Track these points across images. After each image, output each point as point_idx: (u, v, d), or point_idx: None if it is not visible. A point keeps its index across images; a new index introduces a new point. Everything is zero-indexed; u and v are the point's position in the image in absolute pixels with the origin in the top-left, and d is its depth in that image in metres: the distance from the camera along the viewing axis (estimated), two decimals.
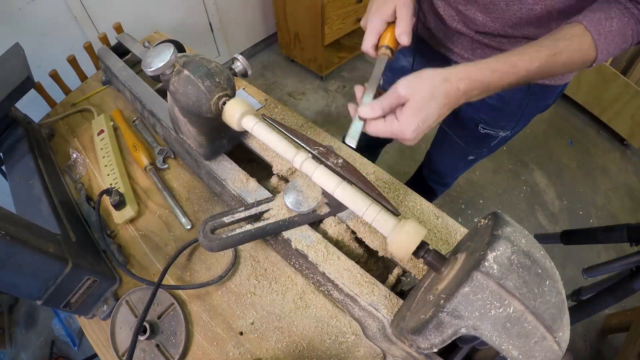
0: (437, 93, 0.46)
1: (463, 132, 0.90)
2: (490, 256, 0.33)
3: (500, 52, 0.49)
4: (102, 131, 0.83)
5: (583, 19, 0.48)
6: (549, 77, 0.51)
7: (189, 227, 0.70)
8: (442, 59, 0.78)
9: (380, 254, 0.58)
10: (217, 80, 0.53)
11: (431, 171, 1.16)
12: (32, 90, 0.78)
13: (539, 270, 0.34)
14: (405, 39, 0.58)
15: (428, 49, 0.80)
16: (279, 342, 0.58)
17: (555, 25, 0.53)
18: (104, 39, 1.05)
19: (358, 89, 0.54)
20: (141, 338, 0.56)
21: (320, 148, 0.53)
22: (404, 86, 0.47)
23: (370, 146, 1.30)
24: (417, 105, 0.47)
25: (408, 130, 0.47)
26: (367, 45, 0.60)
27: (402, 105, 0.48)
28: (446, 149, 1.04)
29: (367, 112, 0.50)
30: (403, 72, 0.96)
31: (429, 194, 1.26)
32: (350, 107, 0.53)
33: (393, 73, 0.96)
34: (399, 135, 0.49)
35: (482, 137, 0.87)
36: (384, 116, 0.50)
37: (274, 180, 0.68)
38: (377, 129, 0.50)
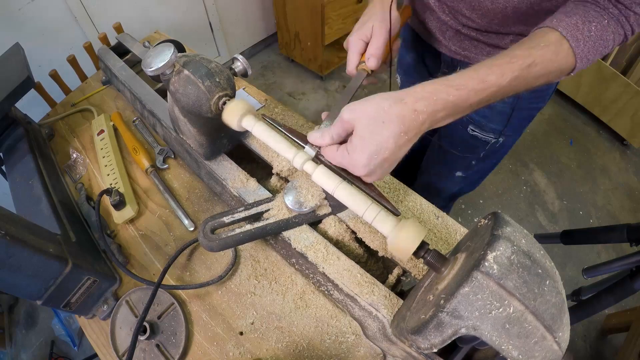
0: (387, 117, 0.40)
1: (451, 136, 0.88)
2: (490, 256, 0.33)
3: (489, 47, 0.46)
4: (102, 131, 0.83)
5: (558, 24, 0.44)
6: (525, 90, 0.45)
7: (191, 228, 0.70)
8: (435, 54, 0.78)
9: (380, 254, 0.58)
10: (217, 80, 0.53)
11: (421, 189, 1.14)
12: (32, 90, 0.78)
13: (539, 270, 0.34)
14: (372, 62, 0.57)
15: (421, 43, 0.81)
16: (279, 342, 0.58)
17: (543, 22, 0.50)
18: (104, 39, 1.05)
19: (324, 115, 0.51)
20: (141, 338, 0.56)
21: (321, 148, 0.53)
22: (348, 111, 0.42)
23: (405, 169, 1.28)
24: (363, 133, 0.41)
25: (359, 164, 0.42)
26: (351, 67, 0.59)
27: (351, 134, 0.43)
28: (435, 167, 1.00)
29: (316, 138, 0.46)
30: (409, 67, 0.95)
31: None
32: (310, 133, 0.48)
33: (404, 70, 0.95)
34: (352, 170, 0.44)
35: (470, 141, 0.84)
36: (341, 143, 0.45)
37: (274, 180, 0.68)
38: (331, 158, 0.46)
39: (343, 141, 0.46)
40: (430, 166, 1.05)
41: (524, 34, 0.49)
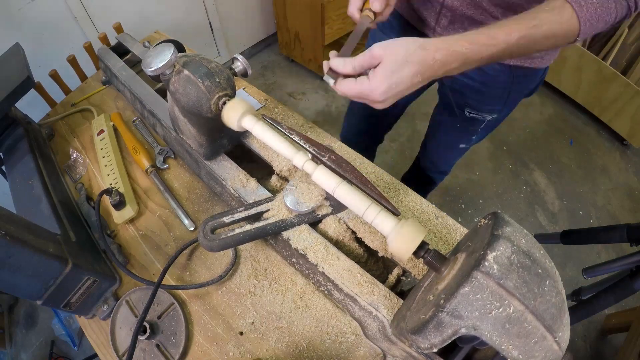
0: (412, 59, 0.46)
1: (451, 119, 0.92)
2: (490, 256, 0.33)
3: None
4: (102, 131, 0.83)
5: None
6: (532, 52, 0.50)
7: (192, 228, 0.70)
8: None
9: (380, 254, 0.58)
10: (217, 80, 0.53)
11: (427, 161, 1.18)
12: (32, 90, 0.78)
13: (539, 270, 0.34)
14: (377, 5, 0.58)
15: (410, 29, 0.81)
16: (279, 342, 0.58)
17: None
18: (104, 39, 1.05)
19: (332, 54, 0.54)
20: (141, 338, 0.56)
21: (320, 148, 0.53)
22: (380, 47, 0.47)
23: (368, 147, 1.32)
24: (390, 67, 0.46)
25: (377, 91, 0.47)
26: (353, 8, 0.60)
27: (375, 67, 0.47)
28: (438, 140, 1.06)
29: (339, 65, 0.50)
30: None
31: (429, 183, 1.29)
32: (325, 63, 0.52)
33: None
34: (368, 96, 0.48)
35: (468, 122, 0.88)
36: (355, 77, 0.49)
37: (274, 180, 0.68)
38: (347, 88, 0.49)
39: (358, 75, 0.50)
40: (433, 143, 1.10)
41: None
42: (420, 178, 1.26)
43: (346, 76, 0.50)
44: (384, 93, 0.47)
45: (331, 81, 0.51)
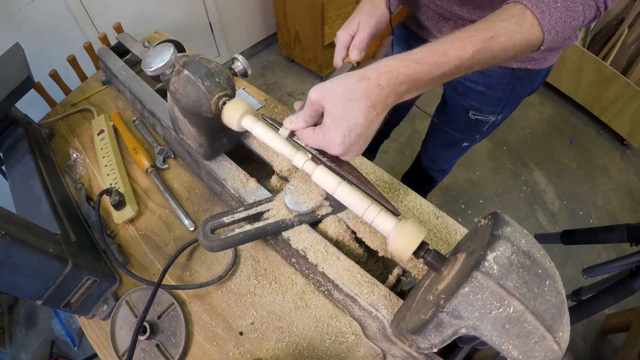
0: (354, 95, 0.41)
1: (455, 121, 0.92)
2: (490, 256, 0.33)
3: None
4: (102, 131, 0.83)
5: None
6: (491, 65, 0.45)
7: (192, 228, 0.70)
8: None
9: (380, 254, 0.58)
10: (217, 80, 0.53)
11: (429, 160, 1.18)
12: (32, 90, 0.78)
13: (539, 270, 0.34)
14: (355, 55, 0.59)
15: (414, 37, 0.81)
16: (279, 342, 0.58)
17: None
18: (104, 39, 1.05)
19: (297, 105, 0.51)
20: (141, 338, 0.56)
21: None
22: (315, 92, 0.43)
23: (377, 142, 1.32)
24: (334, 112, 0.42)
25: (334, 143, 0.43)
26: (337, 59, 0.61)
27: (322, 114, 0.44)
28: (440, 139, 1.05)
29: (290, 123, 0.47)
30: None
31: (430, 182, 1.28)
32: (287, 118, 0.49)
33: None
34: (329, 150, 0.45)
35: (473, 123, 0.88)
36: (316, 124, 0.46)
37: (274, 180, 0.68)
38: (307, 140, 0.47)
39: (317, 123, 0.47)
40: (435, 142, 1.09)
41: None
42: (420, 177, 1.26)
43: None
44: (341, 144, 0.43)
45: (285, 134, 0.49)
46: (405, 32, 0.84)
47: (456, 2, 0.65)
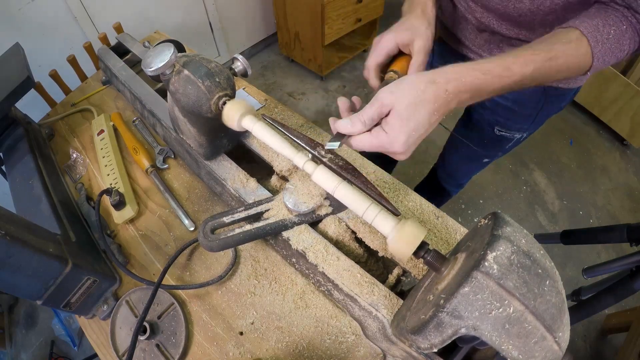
0: (424, 98, 0.42)
1: (478, 135, 0.89)
2: (490, 256, 0.33)
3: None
4: (102, 131, 0.83)
5: (580, 24, 0.46)
6: (542, 84, 0.47)
7: (192, 228, 0.70)
8: (460, 58, 0.77)
9: (380, 254, 0.58)
10: (217, 80, 0.53)
11: (446, 174, 1.16)
12: (32, 90, 0.78)
13: (539, 270, 0.34)
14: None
15: (449, 50, 0.80)
16: (279, 342, 0.58)
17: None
18: (104, 39, 1.05)
19: (332, 120, 0.49)
20: (141, 338, 0.56)
21: (320, 148, 0.53)
22: (387, 93, 0.43)
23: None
24: (404, 113, 0.42)
25: (397, 143, 0.43)
26: (372, 62, 0.56)
27: (387, 116, 0.44)
28: (460, 153, 1.03)
29: (346, 128, 0.46)
30: None
31: (444, 195, 1.26)
32: (331, 120, 0.48)
33: None
34: (388, 149, 0.45)
35: (497, 139, 0.86)
36: (369, 130, 0.46)
37: (274, 180, 0.68)
38: (363, 144, 0.46)
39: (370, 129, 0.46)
40: (455, 156, 1.07)
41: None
42: (435, 189, 1.24)
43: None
44: (405, 143, 0.43)
45: (336, 145, 0.46)
46: (442, 46, 0.83)
47: (496, 16, 0.64)
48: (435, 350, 0.37)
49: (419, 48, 0.54)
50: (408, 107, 0.42)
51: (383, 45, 0.55)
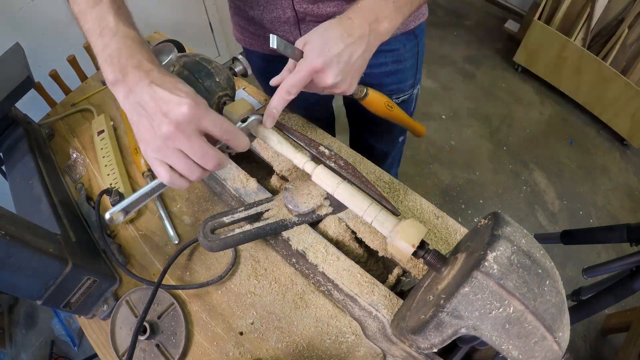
0: (330, 25, 0.46)
1: (382, 124, 0.89)
2: (490, 256, 0.33)
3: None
4: (102, 131, 0.83)
5: None
6: (417, 6, 0.52)
7: (176, 242, 0.68)
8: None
9: (380, 254, 0.58)
10: (217, 80, 0.53)
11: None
12: (32, 90, 0.78)
13: (539, 270, 0.34)
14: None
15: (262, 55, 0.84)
16: (279, 342, 0.58)
17: None
18: None
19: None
20: (141, 338, 0.56)
21: (320, 148, 0.53)
22: (301, 39, 0.47)
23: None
24: (314, 38, 0.46)
25: (310, 56, 0.46)
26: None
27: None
28: (375, 136, 1.01)
29: (276, 80, 0.51)
30: (263, 73, 0.94)
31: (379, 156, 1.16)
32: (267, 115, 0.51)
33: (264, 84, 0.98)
34: (306, 68, 0.47)
35: (402, 106, 0.85)
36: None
37: (274, 180, 0.68)
38: (292, 82, 0.48)
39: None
40: (373, 142, 1.04)
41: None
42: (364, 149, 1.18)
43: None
44: (318, 56, 0.46)
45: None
46: (264, 59, 0.86)
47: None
48: (435, 350, 0.37)
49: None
50: (317, 35, 0.47)
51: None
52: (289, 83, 0.48)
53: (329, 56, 0.46)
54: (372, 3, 0.48)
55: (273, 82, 0.51)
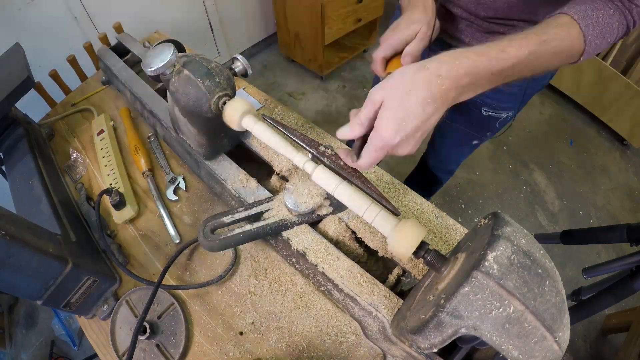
0: (414, 85, 0.40)
1: (466, 117, 0.90)
2: (490, 256, 0.33)
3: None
4: (102, 131, 0.83)
5: (569, 10, 0.47)
6: (538, 71, 0.46)
7: (177, 241, 0.69)
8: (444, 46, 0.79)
9: (380, 254, 0.58)
10: (217, 80, 0.53)
11: (437, 160, 1.16)
12: (32, 90, 0.78)
13: (539, 270, 0.34)
14: (408, 60, 0.56)
15: (440, 43, 0.80)
16: (279, 342, 0.58)
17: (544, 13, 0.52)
18: (104, 39, 1.05)
19: (352, 113, 0.48)
20: (141, 338, 0.56)
21: (321, 148, 0.53)
22: (377, 89, 0.43)
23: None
24: (393, 103, 0.41)
25: (388, 132, 0.41)
26: (378, 54, 0.57)
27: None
28: (450, 137, 1.04)
29: (345, 133, 0.45)
30: None
31: (436, 183, 1.26)
32: (338, 133, 0.48)
33: None
34: (384, 146, 0.43)
35: (485, 120, 0.87)
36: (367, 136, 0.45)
37: (274, 180, 0.68)
38: (365, 154, 0.45)
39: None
40: (445, 141, 1.07)
41: (534, 20, 0.53)
42: (426, 178, 1.24)
43: (362, 144, 0.46)
44: (396, 132, 0.41)
45: (349, 161, 0.46)
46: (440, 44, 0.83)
47: (499, 25, 0.65)
48: (435, 350, 0.37)
49: (421, 35, 0.55)
50: (395, 97, 0.41)
51: (389, 42, 0.57)
52: (366, 162, 0.45)
53: (405, 133, 0.42)
54: (476, 61, 0.42)
55: (340, 135, 0.47)
